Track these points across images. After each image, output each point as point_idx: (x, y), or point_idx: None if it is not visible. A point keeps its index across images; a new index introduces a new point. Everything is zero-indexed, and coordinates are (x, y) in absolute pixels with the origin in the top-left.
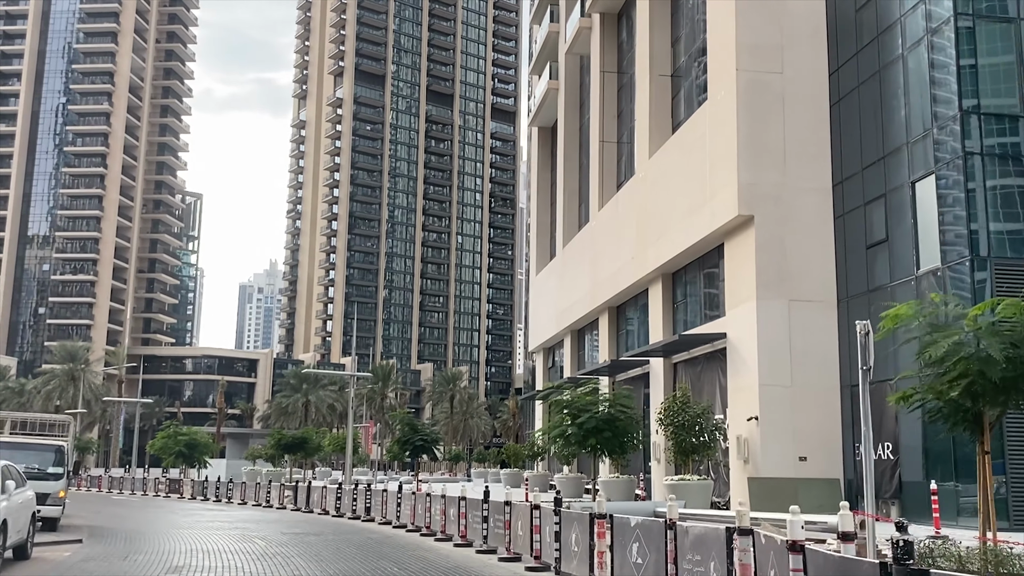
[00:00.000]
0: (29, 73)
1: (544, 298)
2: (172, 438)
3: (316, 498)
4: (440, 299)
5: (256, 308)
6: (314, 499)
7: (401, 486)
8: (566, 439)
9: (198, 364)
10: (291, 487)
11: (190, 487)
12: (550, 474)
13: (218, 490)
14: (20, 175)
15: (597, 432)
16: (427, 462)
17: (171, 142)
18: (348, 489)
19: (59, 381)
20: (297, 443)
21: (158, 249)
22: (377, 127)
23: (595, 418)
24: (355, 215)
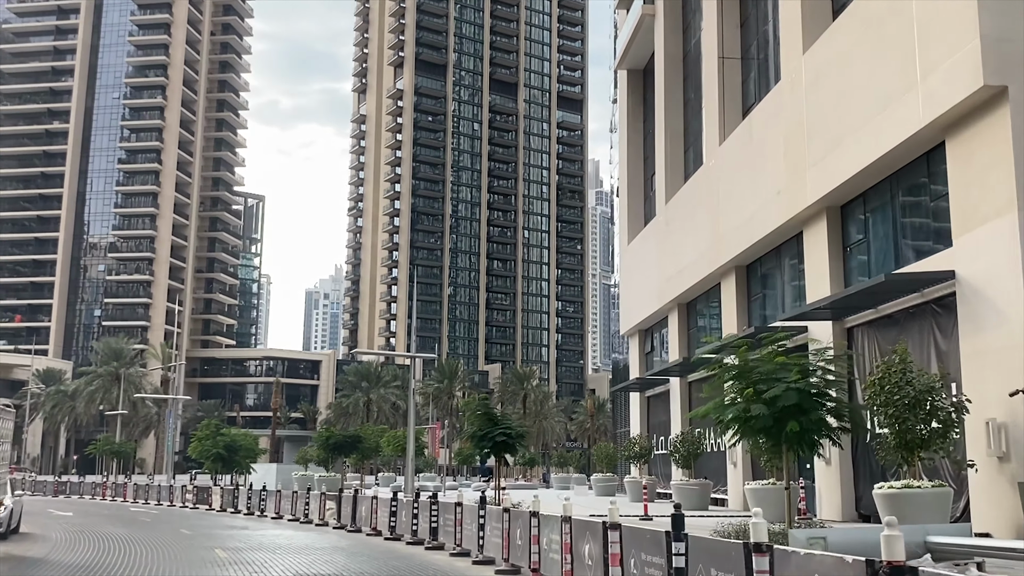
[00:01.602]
0: (82, 68)
1: (639, 270)
2: (210, 439)
3: (364, 513)
4: (507, 297)
5: (323, 314)
6: (362, 514)
7: (484, 497)
8: (745, 424)
9: (260, 367)
10: (334, 497)
11: (219, 497)
12: (657, 480)
13: (249, 501)
14: (74, 173)
15: (798, 412)
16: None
17: (228, 137)
18: (406, 501)
19: (102, 381)
20: (349, 443)
21: (216, 248)
22: (439, 119)
23: (795, 390)
24: (417, 211)
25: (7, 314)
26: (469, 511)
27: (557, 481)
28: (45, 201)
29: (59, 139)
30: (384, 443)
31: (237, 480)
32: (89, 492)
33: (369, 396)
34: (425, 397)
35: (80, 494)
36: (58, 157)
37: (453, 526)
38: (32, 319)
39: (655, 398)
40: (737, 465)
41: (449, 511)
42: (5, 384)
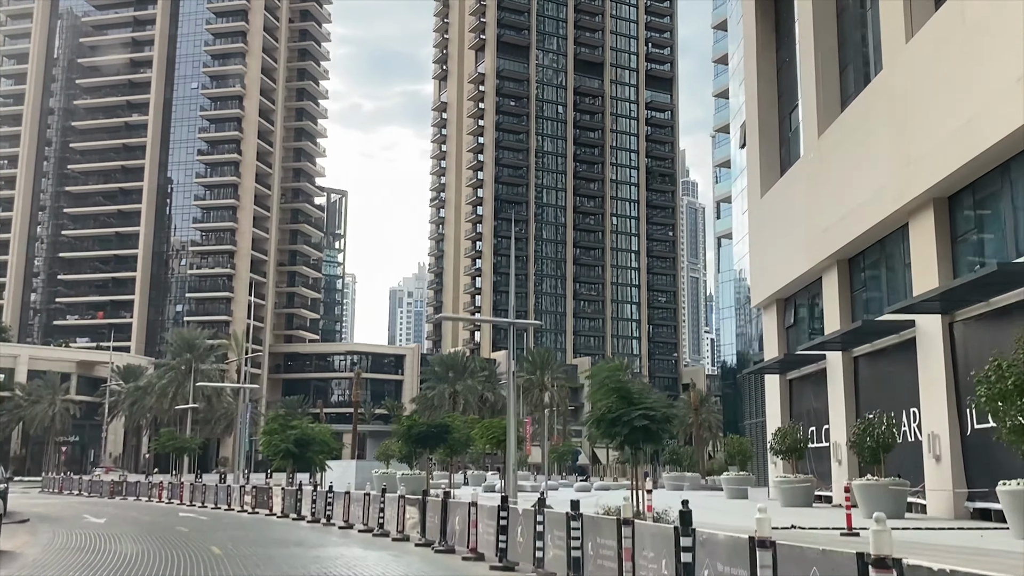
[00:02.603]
0: (160, 59)
1: (777, 227)
2: (279, 432)
3: (458, 525)
4: (595, 287)
5: (406, 312)
6: (455, 527)
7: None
8: None
9: (344, 362)
10: (417, 503)
11: (280, 500)
12: (815, 481)
13: (314, 505)
14: (154, 166)
15: None
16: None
17: (308, 127)
18: (523, 512)
19: (175, 375)
20: (435, 434)
21: (298, 241)
22: (522, 102)
23: None
24: (501, 198)
25: (90, 311)
26: (650, 536)
27: (669, 481)
28: (126, 196)
29: (139, 132)
30: (476, 435)
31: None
32: (145, 493)
33: (455, 387)
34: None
35: (136, 495)
36: (138, 150)
37: (617, 560)
38: (115, 315)
39: (801, 381)
40: (842, 463)
41: (602, 531)
42: (87, 382)
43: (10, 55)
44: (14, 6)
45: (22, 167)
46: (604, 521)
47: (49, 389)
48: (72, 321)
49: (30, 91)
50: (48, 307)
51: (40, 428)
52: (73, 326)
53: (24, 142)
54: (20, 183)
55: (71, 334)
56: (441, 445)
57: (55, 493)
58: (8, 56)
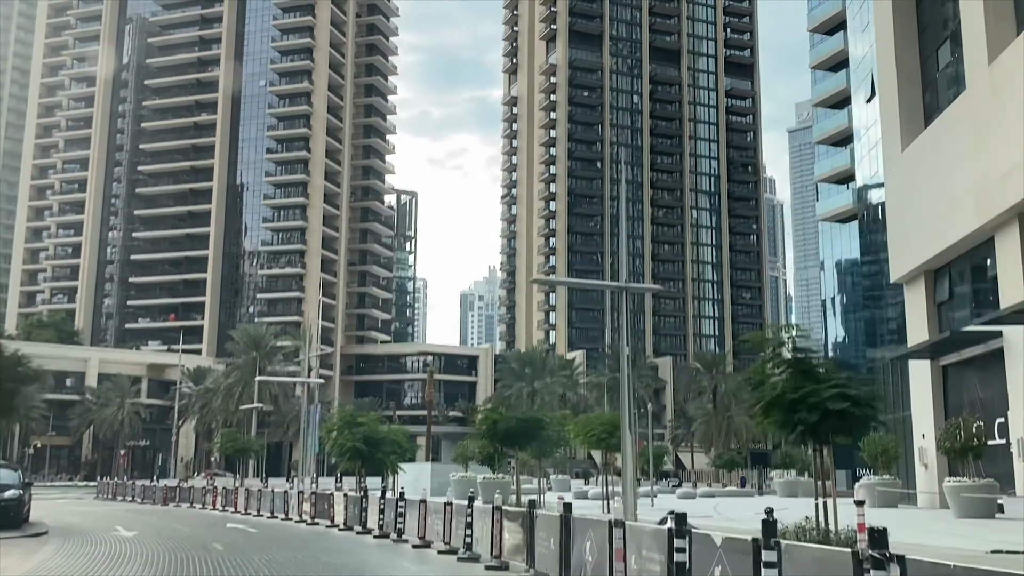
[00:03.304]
0: (227, 57)
1: (925, 184)
2: (345, 430)
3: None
4: (675, 284)
5: (477, 316)
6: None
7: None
8: None
9: (417, 364)
10: (519, 518)
11: (343, 508)
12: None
13: (382, 516)
14: (223, 165)
15: None
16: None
17: (376, 123)
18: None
19: (241, 373)
20: (525, 430)
21: (369, 240)
22: (595, 93)
23: None
24: (575, 193)
25: (162, 314)
26: None
27: (782, 487)
28: (196, 197)
29: (207, 131)
30: (572, 432)
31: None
32: (200, 500)
33: (533, 386)
34: (590, 388)
35: (190, 501)
36: (207, 150)
37: None
38: (186, 318)
39: (961, 367)
40: (929, 466)
41: None
42: (158, 385)
43: (79, 58)
44: (83, 9)
45: (92, 170)
46: None
47: (118, 392)
48: (144, 324)
49: (99, 94)
50: (120, 311)
51: (109, 432)
52: (145, 329)
53: (94, 145)
54: (91, 186)
55: (143, 338)
56: (531, 443)
57: (108, 499)
58: (77, 59)
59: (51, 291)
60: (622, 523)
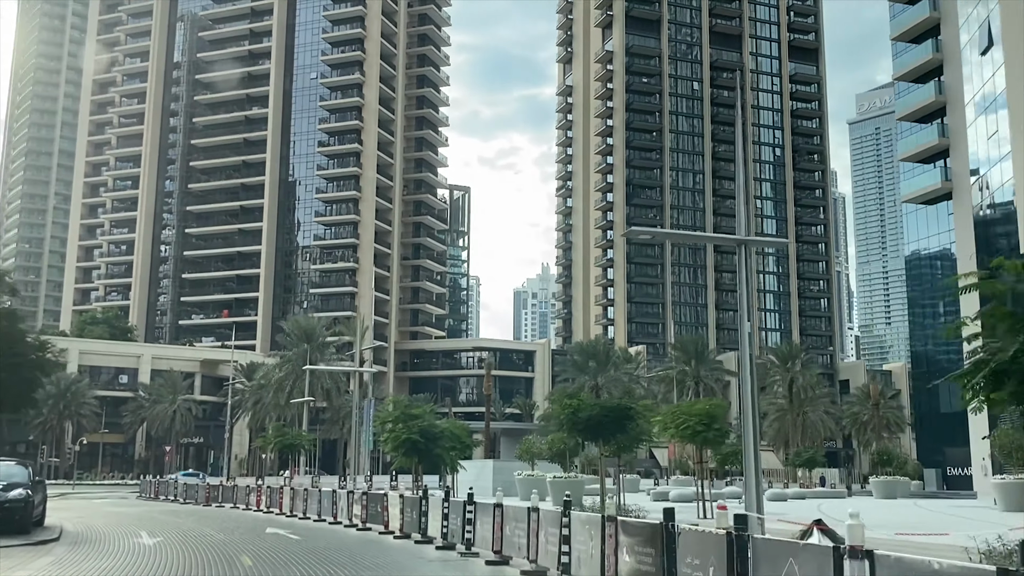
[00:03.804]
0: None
1: None
2: (400, 422)
3: None
4: (738, 276)
5: (531, 314)
6: None
7: None
8: None
9: (472, 359)
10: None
11: (398, 511)
12: None
13: (446, 524)
14: (275, 159)
15: None
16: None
17: (429, 115)
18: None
19: (292, 366)
20: (611, 419)
21: (422, 234)
22: (653, 80)
23: None
24: (633, 184)
25: (215, 311)
26: None
27: (880, 489)
28: (248, 191)
29: (259, 126)
30: (661, 423)
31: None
32: (243, 500)
33: (597, 380)
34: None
35: (233, 502)
36: (258, 145)
37: None
38: (239, 314)
39: None
40: None
41: None
42: (212, 382)
43: (131, 54)
44: (134, 4)
45: (145, 166)
46: None
47: (170, 388)
48: (197, 321)
49: (151, 90)
50: (174, 308)
51: (161, 429)
52: (198, 326)
53: (146, 141)
54: (143, 182)
55: (196, 334)
56: (618, 435)
57: (150, 499)
58: (129, 55)
59: (105, 288)
60: (868, 553)
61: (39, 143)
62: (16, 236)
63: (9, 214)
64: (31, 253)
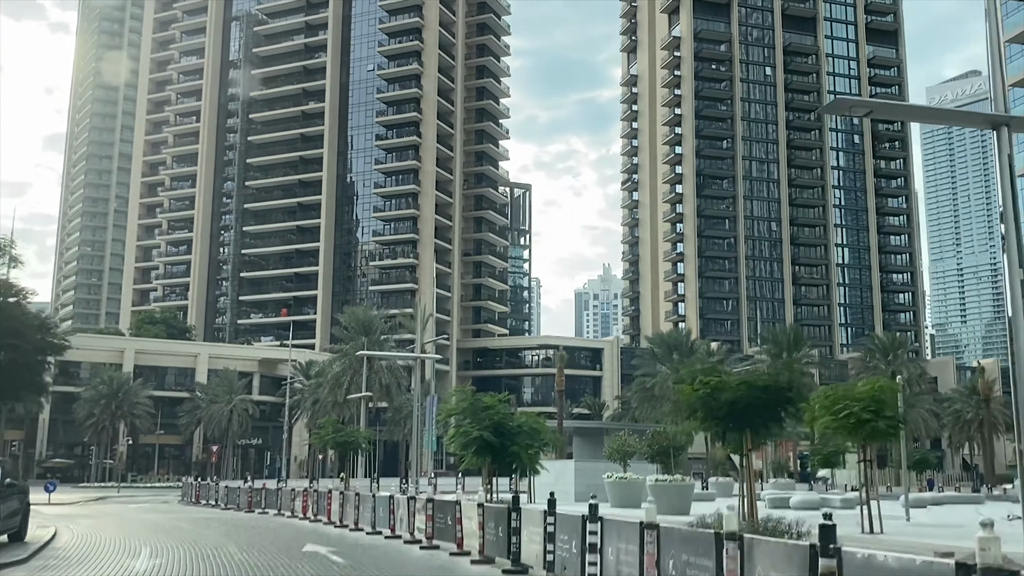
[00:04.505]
0: (335, 42)
1: None
2: (469, 414)
3: None
4: (818, 270)
5: (592, 315)
6: None
7: None
8: None
9: (537, 358)
10: None
11: (477, 526)
12: None
13: (552, 548)
14: (332, 154)
15: None
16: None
17: (489, 106)
18: None
19: (349, 361)
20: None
21: (483, 228)
22: (723, 66)
23: None
24: (703, 173)
25: (274, 310)
26: None
27: None
28: (305, 188)
29: (315, 120)
30: (815, 410)
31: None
32: (288, 506)
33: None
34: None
35: (278, 507)
36: (315, 140)
37: None
38: (298, 312)
39: None
40: None
41: None
42: (270, 382)
43: (186, 51)
44: (189, 1)
45: (202, 164)
46: None
47: (225, 387)
48: (256, 320)
49: (206, 88)
50: (233, 307)
51: (218, 430)
52: (257, 325)
53: (203, 138)
54: (200, 180)
55: (255, 333)
56: (773, 424)
57: (190, 503)
58: (184, 52)
59: (163, 289)
60: None
61: (99, 147)
62: (78, 239)
63: (71, 218)
64: (93, 256)
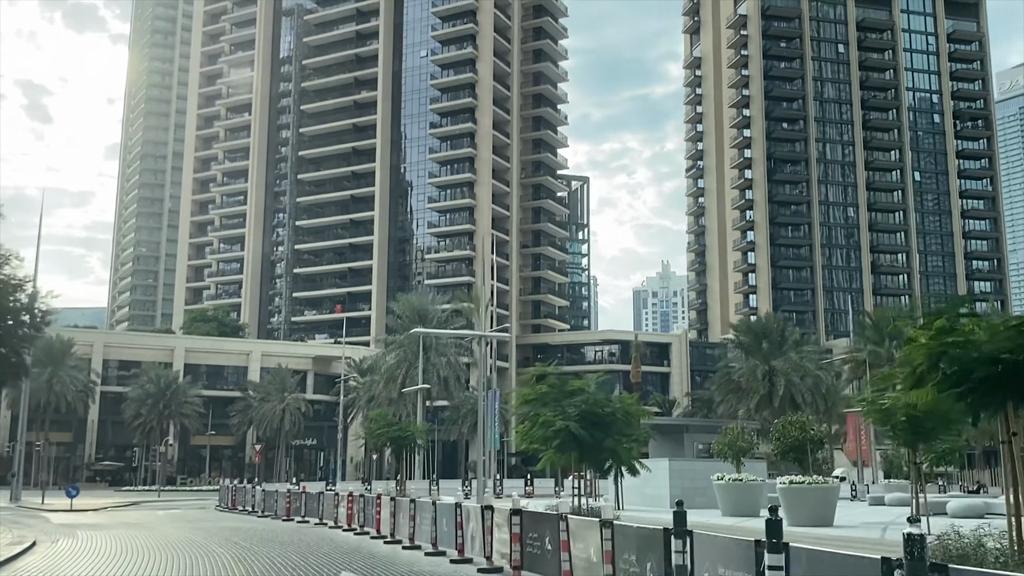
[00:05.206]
0: (387, 28)
1: None
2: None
3: None
4: (898, 257)
5: (652, 313)
6: None
7: None
8: None
9: (600, 353)
10: None
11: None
12: None
13: None
14: (385, 144)
15: None
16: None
17: (546, 91)
18: None
19: (404, 352)
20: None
21: (542, 219)
22: (794, 44)
23: None
24: (774, 157)
25: (329, 306)
26: None
27: None
28: (358, 180)
29: (368, 110)
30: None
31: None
32: (331, 514)
33: (770, 363)
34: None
35: (320, 516)
36: (368, 130)
37: None
38: (352, 308)
39: None
40: None
41: None
42: (325, 380)
43: (237, 43)
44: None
45: (253, 158)
46: None
47: (278, 385)
48: (310, 317)
49: (257, 79)
50: (287, 304)
51: (270, 430)
52: (311, 322)
53: (254, 132)
54: (252, 175)
55: (310, 331)
56: None
57: (226, 509)
58: (235, 45)
59: (216, 286)
60: None
61: (153, 147)
62: (133, 240)
63: (126, 219)
64: (148, 257)
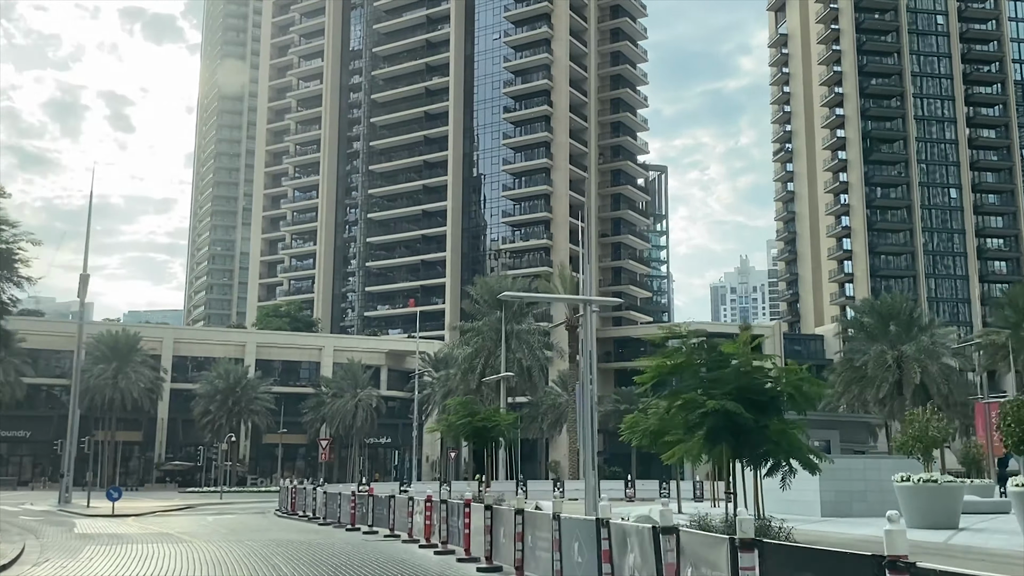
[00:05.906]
0: (458, 10)
1: None
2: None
3: None
4: (1009, 241)
5: (730, 309)
6: None
7: None
8: None
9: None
10: None
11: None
12: None
13: None
14: (458, 132)
15: None
16: None
17: (625, 72)
18: None
19: (482, 340)
20: None
21: (621, 206)
22: (888, 16)
23: None
24: (871, 136)
25: (402, 300)
26: None
27: None
28: (430, 169)
29: (440, 96)
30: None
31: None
32: (403, 524)
33: (898, 349)
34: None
35: (390, 525)
36: (440, 117)
37: None
38: (426, 302)
39: None
40: None
41: None
42: (399, 375)
43: (306, 33)
44: None
45: (324, 150)
46: None
47: (350, 381)
48: (383, 311)
49: (327, 69)
50: (360, 299)
51: (343, 427)
52: (384, 317)
53: (325, 123)
54: (323, 167)
55: (383, 326)
56: None
57: (285, 515)
58: (303, 35)
59: (289, 282)
60: None
61: (227, 145)
62: (208, 239)
63: (200, 218)
64: (223, 256)
